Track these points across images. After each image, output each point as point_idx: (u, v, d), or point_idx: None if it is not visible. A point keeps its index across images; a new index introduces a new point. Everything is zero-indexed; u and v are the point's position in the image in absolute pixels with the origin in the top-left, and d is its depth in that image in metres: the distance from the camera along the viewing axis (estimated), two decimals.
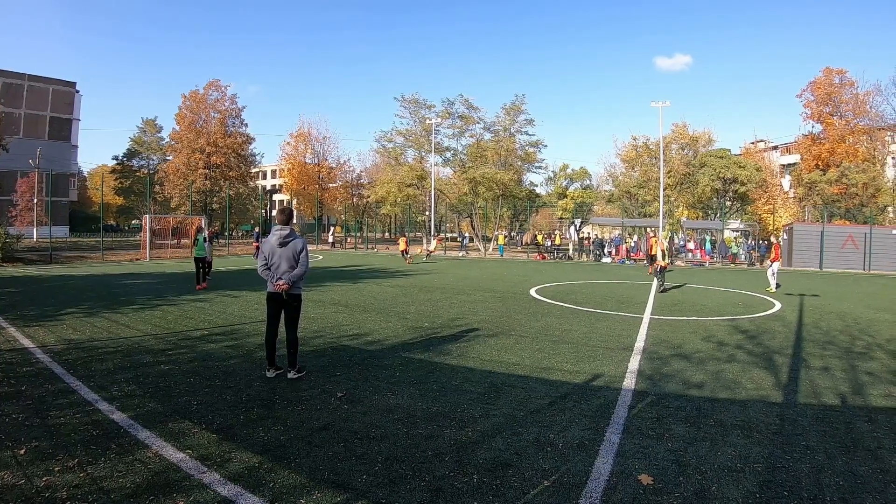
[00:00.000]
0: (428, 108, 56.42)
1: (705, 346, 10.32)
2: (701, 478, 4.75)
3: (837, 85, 50.22)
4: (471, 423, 5.89)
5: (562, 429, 5.78)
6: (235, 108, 64.42)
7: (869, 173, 45.98)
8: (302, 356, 8.14)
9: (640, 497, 4.38)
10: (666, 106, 47.24)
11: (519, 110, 55.25)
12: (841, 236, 39.94)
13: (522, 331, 11.35)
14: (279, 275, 7.33)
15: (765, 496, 4.46)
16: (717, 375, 8.23)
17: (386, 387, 7.16)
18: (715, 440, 5.63)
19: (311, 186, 67.22)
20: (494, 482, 4.52)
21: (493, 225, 57.25)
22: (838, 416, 6.56)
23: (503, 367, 8.36)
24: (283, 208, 7.81)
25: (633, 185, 56.72)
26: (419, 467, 4.76)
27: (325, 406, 6.33)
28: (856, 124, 49.79)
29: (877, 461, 5.22)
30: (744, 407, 6.78)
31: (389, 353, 9.17)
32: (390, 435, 5.49)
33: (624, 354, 9.44)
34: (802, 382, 8.01)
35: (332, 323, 11.79)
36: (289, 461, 4.81)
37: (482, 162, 53.73)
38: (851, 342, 11.17)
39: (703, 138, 56.83)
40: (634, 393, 7.23)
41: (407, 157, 58.59)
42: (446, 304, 14.89)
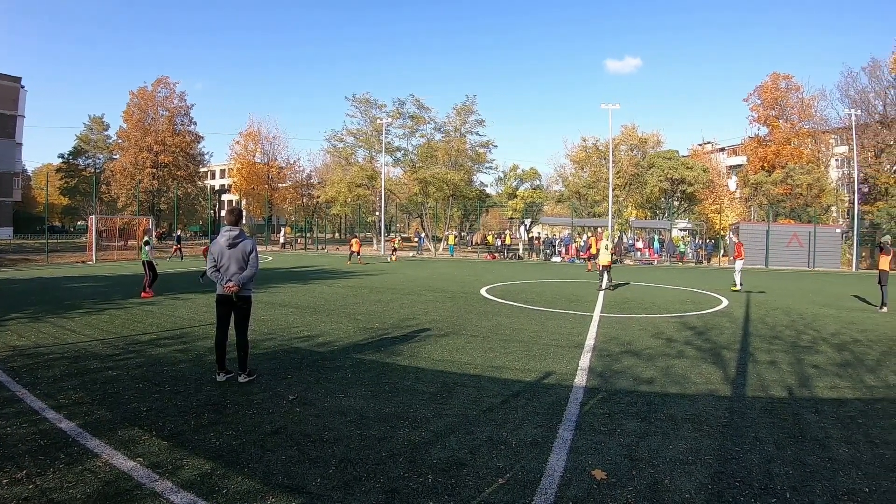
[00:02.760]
0: (379, 107, 56.37)
1: (655, 343, 10.50)
2: (654, 471, 4.80)
3: (784, 89, 52.51)
4: (424, 423, 5.84)
5: (515, 427, 5.78)
6: (184, 105, 63.20)
7: (813, 174, 47.87)
8: (252, 359, 7.96)
9: (594, 492, 4.40)
10: (615, 108, 48.35)
11: (470, 111, 55.52)
12: (786, 235, 41.47)
13: (473, 330, 11.35)
14: (228, 277, 7.15)
15: (716, 487, 4.53)
16: (666, 371, 8.37)
17: (338, 388, 7.06)
18: (666, 434, 5.70)
19: (260, 186, 66.12)
20: (449, 482, 4.49)
21: (443, 225, 57.33)
22: (786, 407, 6.74)
23: (455, 367, 8.33)
24: (233, 209, 7.63)
25: (582, 185, 57.59)
26: (373, 469, 4.70)
27: (277, 409, 6.21)
28: (801, 127, 52.12)
29: (825, 450, 5.38)
30: (693, 401, 6.90)
31: (341, 354, 9.05)
32: (343, 437, 5.40)
33: (575, 352, 9.52)
34: (750, 376, 8.21)
35: (283, 325, 11.61)
36: (242, 466, 4.69)
37: (432, 162, 53.81)
38: (797, 336, 11.52)
39: (652, 140, 58.16)
40: (586, 390, 7.28)
41: (357, 157, 58.37)
42: (397, 305, 14.82)
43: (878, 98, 49.19)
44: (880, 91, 48.95)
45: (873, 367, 8.91)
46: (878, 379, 8.22)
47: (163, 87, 61.64)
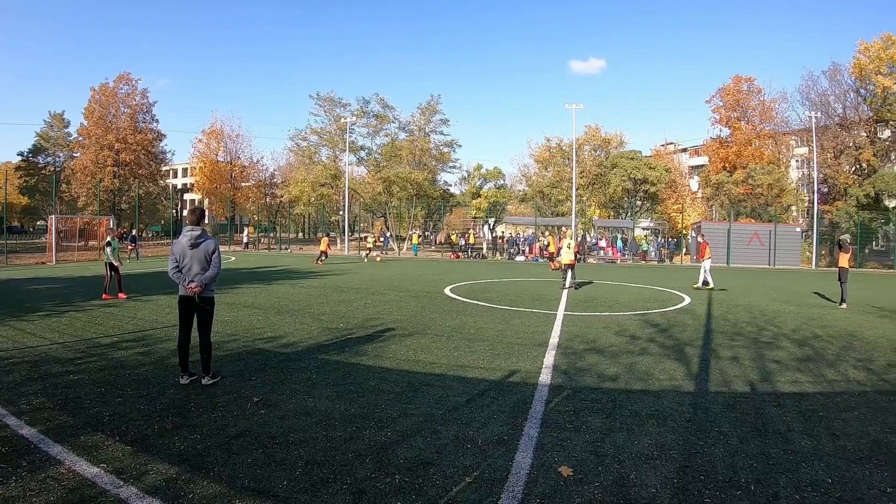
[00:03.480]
0: (343, 106, 56.09)
1: (618, 340, 10.60)
2: (619, 467, 4.84)
3: (745, 92, 53.76)
4: (390, 423, 5.81)
5: (481, 425, 5.78)
6: (146, 102, 61.70)
7: (774, 175, 49.03)
8: (216, 361, 7.83)
9: (561, 489, 4.41)
10: (580, 108, 48.81)
11: (434, 110, 55.56)
12: (747, 234, 42.48)
13: (438, 329, 11.33)
14: (191, 277, 7.01)
15: (682, 481, 4.59)
16: (630, 368, 8.45)
17: (303, 390, 6.98)
18: (631, 430, 5.75)
19: (223, 186, 65.08)
20: (416, 481, 4.46)
21: (406, 224, 57.27)
22: (748, 402, 6.87)
23: (420, 367, 8.31)
24: (195, 208, 7.48)
25: (545, 184, 58.04)
26: (340, 470, 4.65)
27: (241, 412, 6.10)
28: (762, 129, 53.42)
29: (787, 443, 5.49)
30: (657, 397, 6.99)
31: (305, 355, 8.96)
32: (309, 439, 5.34)
33: (539, 350, 9.56)
34: (713, 372, 8.34)
35: (247, 326, 11.44)
36: (207, 471, 4.59)
37: (396, 161, 53.72)
38: (758, 333, 11.76)
39: (615, 140, 59.03)
40: (551, 387, 7.32)
41: (321, 156, 57.99)
42: (361, 305, 14.72)
43: (837, 101, 50.75)
44: (840, 94, 50.51)
45: (833, 362, 9.15)
46: (838, 373, 8.43)
47: (125, 83, 60.24)
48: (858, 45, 47.23)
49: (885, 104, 45.10)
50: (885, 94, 44.96)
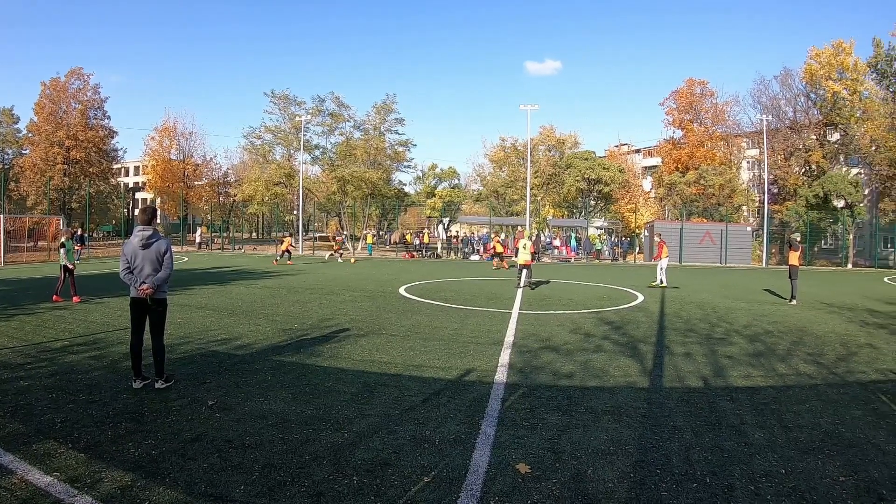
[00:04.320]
0: (298, 104, 55.64)
1: (573, 338, 10.69)
2: (577, 463, 4.87)
3: (699, 95, 55.33)
4: (346, 424, 5.74)
5: (438, 424, 5.76)
6: (98, 98, 59.76)
7: (725, 176, 50.56)
8: (169, 364, 7.65)
9: (519, 486, 4.42)
10: (535, 109, 49.50)
11: (389, 109, 55.47)
12: (699, 233, 43.54)
13: (393, 329, 11.28)
14: (142, 278, 6.82)
15: (638, 475, 4.65)
16: (585, 365, 8.53)
17: (258, 392, 6.85)
18: (587, 426, 5.80)
19: (175, 184, 63.56)
20: (374, 482, 4.43)
21: (361, 224, 57.02)
22: (702, 397, 7.00)
23: (375, 367, 8.25)
24: (146, 207, 7.29)
25: (500, 184, 58.59)
26: (297, 473, 4.58)
27: (196, 416, 5.96)
28: (714, 131, 55.12)
29: (741, 436, 5.61)
30: (613, 393, 7.07)
31: (260, 357, 8.81)
32: (266, 442, 5.24)
33: (494, 349, 9.58)
34: (667, 368, 8.49)
35: (200, 328, 11.20)
36: (163, 477, 4.46)
37: (351, 160, 53.41)
38: (711, 329, 12.02)
39: (570, 141, 59.93)
40: (507, 386, 7.34)
41: (275, 154, 57.30)
42: (316, 305, 14.57)
43: (788, 105, 53.16)
44: (791, 98, 52.87)
45: (784, 356, 9.42)
46: (789, 367, 8.68)
47: (76, 78, 58.30)
48: (810, 51, 49.43)
49: (834, 108, 47.06)
50: (834, 99, 47.00)
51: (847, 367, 8.79)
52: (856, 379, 8.10)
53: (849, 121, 47.12)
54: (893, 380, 8.14)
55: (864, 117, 46.58)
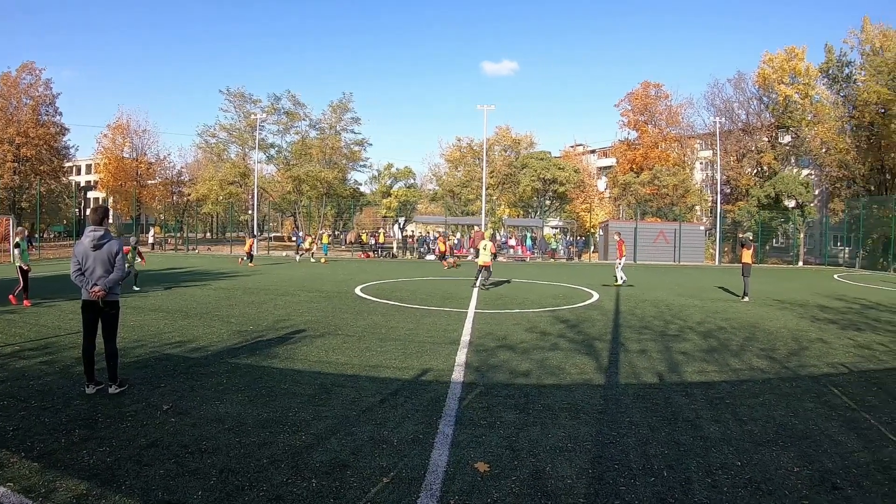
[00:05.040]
0: (254, 102, 54.99)
1: (529, 337, 10.76)
2: (535, 460, 4.90)
3: (653, 97, 56.79)
4: (304, 426, 5.68)
5: (395, 425, 5.74)
6: (49, 94, 57.81)
7: (679, 176, 51.87)
8: (123, 368, 7.43)
9: (478, 484, 4.43)
10: (491, 109, 50.00)
11: (346, 108, 55.33)
12: (653, 232, 44.43)
13: (349, 330, 11.20)
14: (94, 281, 6.63)
15: (597, 471, 4.69)
16: (542, 363, 8.59)
17: (213, 395, 6.72)
18: (545, 424, 5.84)
19: (128, 183, 61.99)
20: (333, 484, 4.39)
21: (316, 224, 56.60)
22: (658, 392, 7.12)
23: (332, 368, 8.18)
24: (97, 207, 7.08)
25: (456, 184, 58.97)
26: (255, 477, 4.51)
27: (151, 421, 5.81)
28: (668, 132, 56.74)
29: (696, 430, 5.73)
30: (569, 391, 7.13)
31: (215, 359, 8.64)
32: (222, 446, 5.14)
33: (451, 348, 9.59)
34: (622, 365, 8.60)
35: (153, 330, 10.93)
36: (118, 484, 4.34)
37: (307, 160, 53.13)
38: (665, 326, 12.23)
39: (526, 141, 60.63)
40: (464, 385, 7.34)
41: (230, 153, 56.60)
42: (271, 306, 14.37)
43: (741, 108, 54.94)
44: (744, 101, 54.64)
45: (737, 352, 9.64)
46: (742, 362, 8.88)
47: (28, 73, 56.33)
48: (763, 56, 51.15)
49: (786, 111, 48.70)
50: (786, 102, 48.67)
51: (799, 362, 9.05)
52: (808, 373, 8.35)
53: (800, 124, 48.69)
54: (844, 373, 8.42)
55: (814, 121, 48.22)
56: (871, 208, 45.11)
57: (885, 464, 5.00)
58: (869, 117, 44.73)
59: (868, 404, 6.79)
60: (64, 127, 59.87)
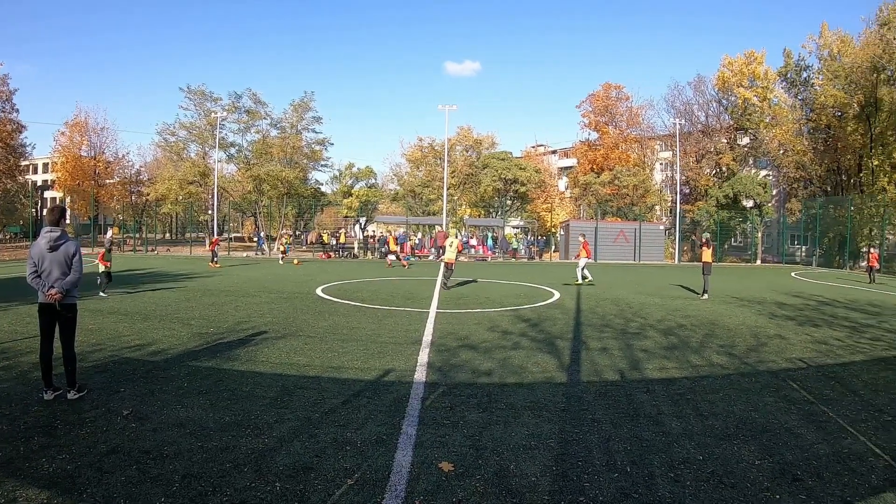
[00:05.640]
0: (214, 100, 53.82)
1: (491, 336, 10.80)
2: (499, 459, 4.92)
3: (614, 98, 57.57)
4: (266, 429, 5.61)
5: (358, 426, 5.70)
6: (6, 90, 56.00)
7: (639, 176, 52.74)
8: (81, 373, 7.27)
9: (443, 484, 4.43)
10: (453, 110, 50.19)
11: (307, 107, 54.71)
12: (613, 232, 45.09)
13: (311, 331, 11.11)
14: (51, 283, 6.45)
15: (561, 468, 4.72)
16: (504, 362, 8.63)
17: (174, 399, 6.59)
18: (508, 422, 5.86)
19: (86, 182, 60.47)
20: (297, 487, 4.34)
21: (277, 224, 56.08)
22: (619, 389, 7.21)
23: (294, 370, 8.10)
24: (54, 207, 6.89)
25: (417, 184, 59.02)
26: (219, 482, 4.43)
27: (111, 427, 5.68)
28: (629, 134, 57.60)
29: (658, 426, 5.81)
30: (532, 389, 7.17)
31: (175, 362, 8.48)
32: (184, 451, 5.05)
33: (413, 348, 9.58)
34: (584, 363, 8.69)
35: (112, 334, 10.68)
36: (80, 492, 4.24)
37: (267, 159, 52.44)
38: (626, 324, 12.39)
39: (487, 141, 60.96)
40: (426, 385, 7.34)
41: (190, 152, 55.41)
42: (231, 307, 14.17)
43: (701, 110, 56.22)
44: (703, 104, 55.93)
45: (697, 349, 9.83)
46: (702, 359, 9.05)
47: None
48: (723, 59, 52.34)
49: (744, 114, 49.96)
50: (745, 105, 49.94)
51: (758, 357, 9.26)
52: (767, 368, 8.55)
53: (758, 126, 49.93)
54: (802, 368, 8.63)
55: (772, 123, 49.54)
56: (827, 208, 46.58)
57: (843, 455, 5.14)
58: (826, 120, 46.36)
59: (826, 398, 6.98)
60: (21, 124, 58.17)
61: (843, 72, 42.98)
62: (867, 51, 40.78)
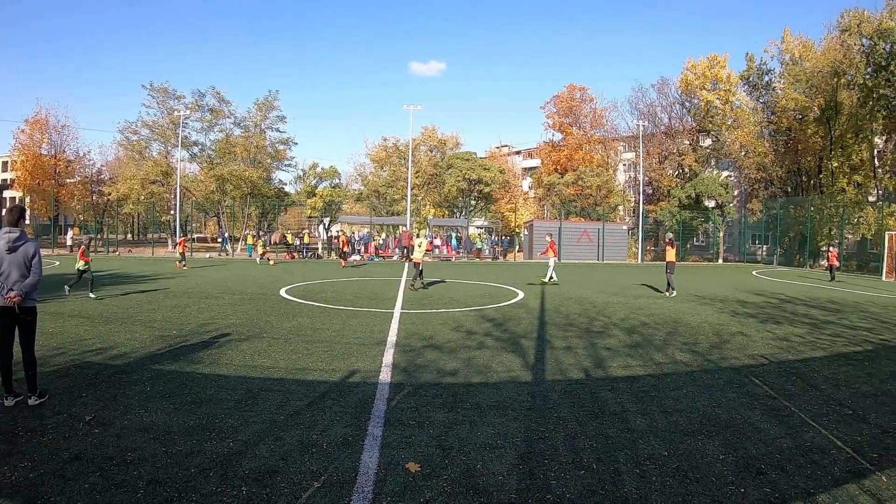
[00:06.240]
0: (177, 98, 52.78)
1: (456, 336, 10.82)
2: (465, 458, 4.92)
3: (578, 100, 58.51)
4: (231, 433, 5.54)
5: (324, 428, 5.67)
6: None
7: (602, 177, 53.59)
8: (42, 378, 7.06)
9: (410, 485, 4.43)
10: (418, 110, 50.36)
11: (271, 106, 54.17)
12: (577, 231, 45.53)
13: (275, 333, 11.00)
14: (9, 285, 6.27)
15: (527, 466, 4.75)
16: (469, 362, 8.65)
17: (137, 404, 6.47)
18: (474, 422, 5.87)
19: (46, 182, 59.01)
20: (264, 491, 4.30)
21: (240, 224, 55.48)
22: (584, 387, 7.27)
23: (258, 372, 8.01)
24: (13, 207, 6.70)
25: (381, 184, 59.06)
26: (184, 487, 4.36)
27: (74, 433, 5.55)
28: (593, 135, 58.62)
29: (623, 423, 5.88)
30: (497, 389, 7.20)
31: (138, 366, 8.32)
32: (149, 456, 4.96)
33: (378, 349, 9.55)
34: (549, 362, 8.75)
35: (73, 337, 10.44)
36: (43, 501, 4.13)
37: (231, 158, 51.79)
38: (590, 323, 12.52)
39: (452, 142, 61.26)
40: (391, 385, 7.32)
41: (152, 151, 54.38)
42: (194, 310, 13.96)
43: (664, 112, 57.37)
44: (667, 106, 57.07)
45: (661, 346, 9.98)
46: (665, 356, 9.19)
47: None
48: (686, 63, 53.46)
49: (707, 116, 51.00)
50: (707, 108, 51.02)
51: (721, 354, 9.43)
52: (729, 364, 8.71)
53: (720, 128, 50.91)
54: (764, 364, 8.82)
55: (734, 125, 50.61)
56: (788, 209, 47.58)
57: (805, 448, 5.27)
58: (787, 123, 47.39)
59: (788, 393, 7.15)
60: None
61: (804, 76, 43.96)
62: (828, 56, 41.82)
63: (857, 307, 16.75)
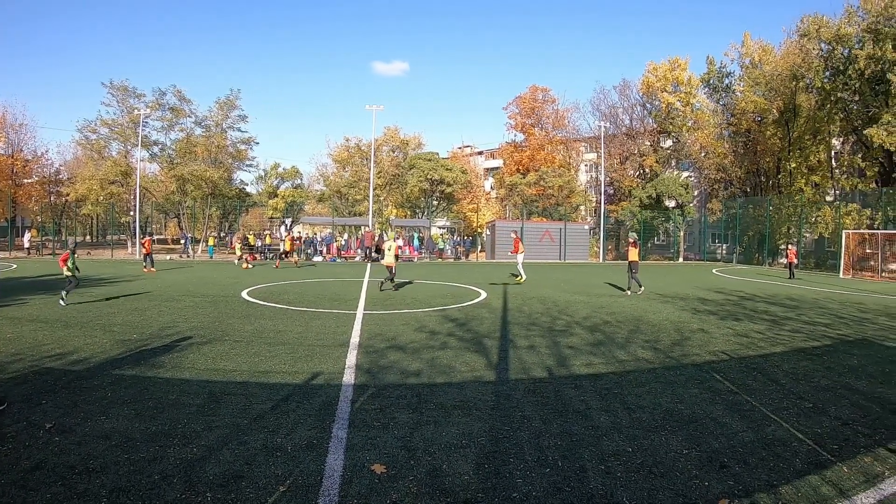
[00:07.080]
0: (138, 97, 51.98)
1: (419, 336, 10.83)
2: (431, 458, 4.93)
3: (541, 101, 59.42)
4: (194, 438, 5.45)
5: (288, 431, 5.62)
6: None
7: (564, 177, 54.13)
8: (0, 385, 6.95)
9: (376, 486, 4.42)
10: (380, 110, 50.43)
11: (233, 105, 53.72)
12: (539, 231, 46.00)
13: (237, 335, 10.88)
14: None
15: (493, 465, 4.77)
16: (432, 362, 8.67)
17: (98, 410, 6.32)
18: (438, 422, 5.87)
19: (3, 182, 57.37)
20: (229, 496, 4.25)
21: (201, 225, 54.77)
22: (548, 386, 7.33)
23: (220, 375, 7.91)
24: None
25: (343, 184, 58.88)
26: (147, 494, 4.29)
27: (33, 442, 5.40)
28: (555, 135, 59.70)
29: (587, 420, 5.93)
30: (461, 388, 7.21)
31: (98, 371, 8.15)
32: (111, 464, 4.86)
33: (341, 351, 9.50)
34: (512, 361, 8.79)
35: (31, 342, 10.17)
36: None
37: (191, 158, 51.13)
38: (552, 322, 12.61)
39: (414, 142, 61.35)
40: (355, 387, 7.29)
41: (111, 150, 53.37)
42: (155, 312, 13.72)
43: (626, 113, 58.43)
44: (628, 107, 58.14)
45: (623, 344, 10.10)
46: (628, 354, 9.31)
47: None
48: (648, 65, 54.86)
49: (668, 118, 52.17)
50: (668, 109, 52.25)
51: (682, 351, 9.58)
52: (691, 361, 8.86)
53: (681, 129, 52.07)
54: (725, 360, 9.00)
55: (694, 127, 51.74)
56: (747, 208, 48.69)
57: (767, 441, 5.39)
58: (746, 125, 48.56)
59: (749, 388, 7.29)
60: None
61: (763, 79, 44.99)
62: (787, 60, 42.78)
63: (815, 304, 17.17)
